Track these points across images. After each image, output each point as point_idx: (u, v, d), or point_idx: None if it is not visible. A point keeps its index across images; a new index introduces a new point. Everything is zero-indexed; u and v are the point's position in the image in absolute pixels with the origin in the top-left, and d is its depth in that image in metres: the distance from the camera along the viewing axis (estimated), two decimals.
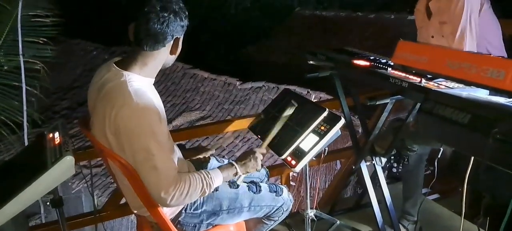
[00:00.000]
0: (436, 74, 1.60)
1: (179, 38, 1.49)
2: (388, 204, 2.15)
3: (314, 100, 5.52)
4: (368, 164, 2.17)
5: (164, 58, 1.51)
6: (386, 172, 3.12)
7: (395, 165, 2.33)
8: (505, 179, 1.38)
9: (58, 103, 8.91)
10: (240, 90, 7.39)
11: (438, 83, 1.58)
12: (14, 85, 3.99)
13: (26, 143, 3.90)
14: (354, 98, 2.31)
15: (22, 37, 3.90)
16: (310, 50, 2.23)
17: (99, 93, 1.46)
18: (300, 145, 1.69)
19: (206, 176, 1.51)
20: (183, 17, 1.47)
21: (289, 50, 9.82)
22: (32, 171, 1.35)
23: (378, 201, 2.19)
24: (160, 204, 1.48)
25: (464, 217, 1.56)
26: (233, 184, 1.71)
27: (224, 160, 1.97)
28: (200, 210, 1.66)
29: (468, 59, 1.44)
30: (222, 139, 6.14)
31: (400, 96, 1.77)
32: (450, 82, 1.57)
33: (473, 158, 1.44)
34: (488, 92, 1.40)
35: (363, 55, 2.03)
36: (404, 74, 1.71)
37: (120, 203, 2.35)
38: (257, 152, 1.69)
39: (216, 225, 1.72)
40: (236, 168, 1.63)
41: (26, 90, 3.92)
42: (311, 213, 2.14)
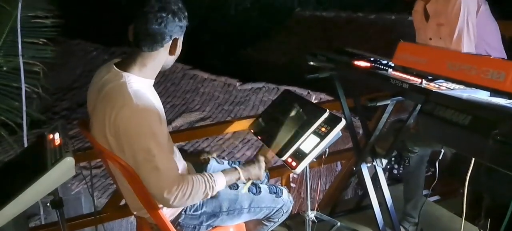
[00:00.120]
0: (436, 76, 1.60)
1: (178, 39, 1.49)
2: (388, 206, 2.15)
3: (315, 101, 5.52)
4: (368, 165, 2.17)
5: (163, 59, 1.50)
6: (387, 173, 3.12)
7: (396, 167, 2.33)
8: (505, 180, 1.38)
9: (58, 104, 8.91)
10: (240, 91, 7.39)
11: (439, 85, 1.57)
12: (14, 86, 3.98)
13: (26, 143, 3.89)
14: (354, 100, 2.31)
15: (22, 38, 3.89)
16: (310, 51, 2.22)
17: (99, 94, 1.46)
18: (300, 147, 1.69)
19: (209, 179, 1.50)
20: (182, 17, 1.46)
21: (289, 51, 9.81)
22: (32, 172, 1.35)
23: (378, 203, 2.19)
24: (162, 205, 1.48)
25: (465, 219, 1.56)
26: (233, 185, 1.71)
27: (223, 161, 1.97)
28: (200, 212, 1.65)
29: (468, 61, 1.44)
30: (221, 140, 6.14)
31: (400, 97, 1.76)
32: (451, 84, 1.56)
33: (473, 160, 1.44)
34: (489, 93, 1.40)
35: (364, 56, 2.02)
36: (404, 75, 1.71)
37: (120, 204, 2.35)
38: (261, 161, 1.69)
39: (216, 227, 1.72)
40: (239, 173, 1.62)
41: (25, 91, 3.92)
42: (312, 215, 2.14)
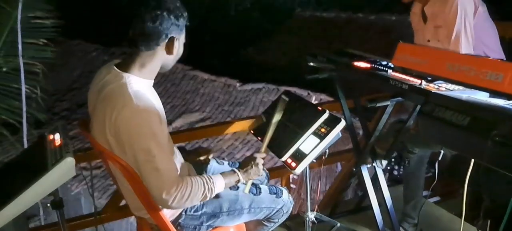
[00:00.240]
0: (436, 77, 1.60)
1: (175, 38, 1.46)
2: (388, 207, 2.15)
3: (315, 102, 5.53)
4: (368, 166, 2.17)
5: (161, 59, 1.49)
6: (388, 174, 3.13)
7: (396, 167, 2.33)
8: (504, 181, 1.38)
9: (58, 105, 8.92)
10: (240, 92, 7.40)
11: (438, 86, 1.58)
12: (14, 86, 3.99)
13: (26, 144, 3.90)
14: (354, 100, 2.31)
15: (22, 38, 3.89)
16: (310, 52, 2.23)
17: (99, 95, 1.46)
18: (300, 147, 1.69)
19: (208, 181, 1.50)
20: (179, 15, 1.44)
21: (289, 51, 9.82)
22: (32, 172, 1.35)
23: (378, 204, 2.19)
24: (161, 206, 1.48)
25: (464, 220, 1.56)
26: (233, 186, 1.71)
27: (223, 161, 1.97)
28: (200, 212, 1.66)
29: (467, 62, 1.44)
30: (221, 140, 6.14)
31: (400, 98, 1.76)
32: (450, 85, 1.57)
33: (473, 160, 1.44)
34: (488, 94, 1.40)
35: (364, 57, 2.02)
36: (404, 76, 1.71)
37: (120, 205, 2.35)
38: (257, 158, 1.69)
39: (216, 227, 1.72)
40: (238, 176, 1.62)
41: (25, 91, 3.92)
42: (312, 215, 2.14)
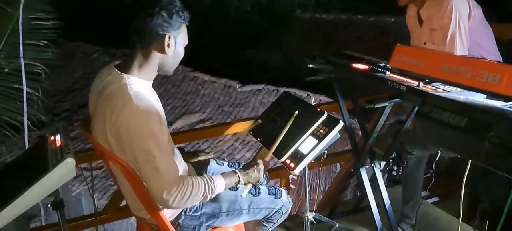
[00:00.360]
0: (433, 78, 1.61)
1: (168, 36, 1.44)
2: (387, 207, 2.16)
3: (314, 103, 5.53)
4: (367, 167, 2.18)
5: (157, 58, 1.48)
6: (386, 175, 3.13)
7: (395, 168, 2.34)
8: (501, 182, 1.39)
9: (59, 106, 8.93)
10: (240, 93, 7.41)
11: (436, 87, 1.59)
12: (16, 87, 4.00)
13: (27, 144, 3.90)
14: (353, 102, 2.32)
15: (23, 39, 3.90)
16: (310, 54, 2.24)
17: (100, 96, 1.48)
18: (299, 148, 1.70)
19: (209, 181, 1.51)
20: (173, 13, 1.43)
21: (288, 53, 9.83)
22: (33, 173, 1.36)
23: (377, 204, 2.20)
24: (162, 205, 1.49)
25: (462, 220, 1.58)
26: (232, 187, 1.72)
27: (223, 162, 1.98)
28: (199, 212, 1.67)
29: (464, 64, 1.46)
30: (222, 141, 6.15)
31: (398, 99, 1.77)
32: (448, 86, 1.58)
33: (471, 161, 1.45)
34: (485, 96, 1.41)
35: (362, 59, 2.04)
36: (402, 78, 1.72)
37: (120, 205, 2.36)
38: (260, 164, 1.69)
39: (215, 227, 1.73)
40: (238, 177, 1.62)
41: (26, 92, 3.93)
42: (310, 216, 2.15)
